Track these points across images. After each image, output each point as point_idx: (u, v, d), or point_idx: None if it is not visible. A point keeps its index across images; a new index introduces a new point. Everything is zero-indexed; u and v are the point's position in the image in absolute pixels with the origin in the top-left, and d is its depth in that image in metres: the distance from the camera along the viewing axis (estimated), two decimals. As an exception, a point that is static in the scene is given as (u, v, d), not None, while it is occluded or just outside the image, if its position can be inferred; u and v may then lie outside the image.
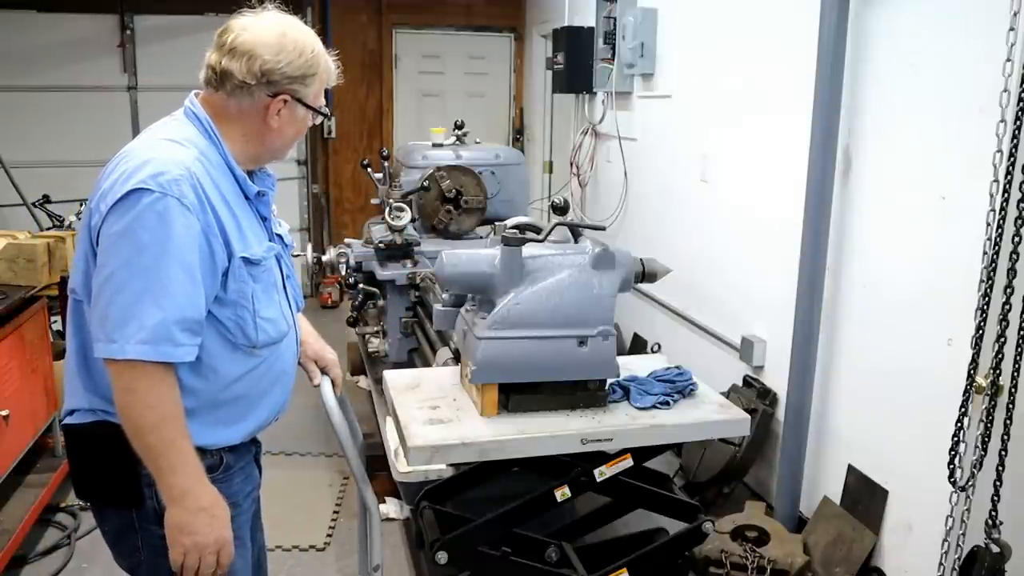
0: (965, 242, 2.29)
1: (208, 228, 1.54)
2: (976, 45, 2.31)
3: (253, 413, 1.71)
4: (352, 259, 4.03)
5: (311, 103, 1.67)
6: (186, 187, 1.50)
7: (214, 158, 1.62)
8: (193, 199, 1.51)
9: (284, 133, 1.67)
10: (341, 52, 1.82)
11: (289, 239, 1.87)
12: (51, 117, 6.12)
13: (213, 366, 1.60)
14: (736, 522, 2.86)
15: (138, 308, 1.46)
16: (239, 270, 1.59)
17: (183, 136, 1.60)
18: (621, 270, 2.28)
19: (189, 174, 1.52)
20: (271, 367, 1.70)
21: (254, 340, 1.63)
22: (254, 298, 1.62)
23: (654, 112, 4.52)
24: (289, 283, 1.81)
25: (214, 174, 1.59)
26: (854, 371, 2.92)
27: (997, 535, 2.04)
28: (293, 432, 4.18)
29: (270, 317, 1.67)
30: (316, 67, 1.64)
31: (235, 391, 1.65)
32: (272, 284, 1.70)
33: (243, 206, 1.67)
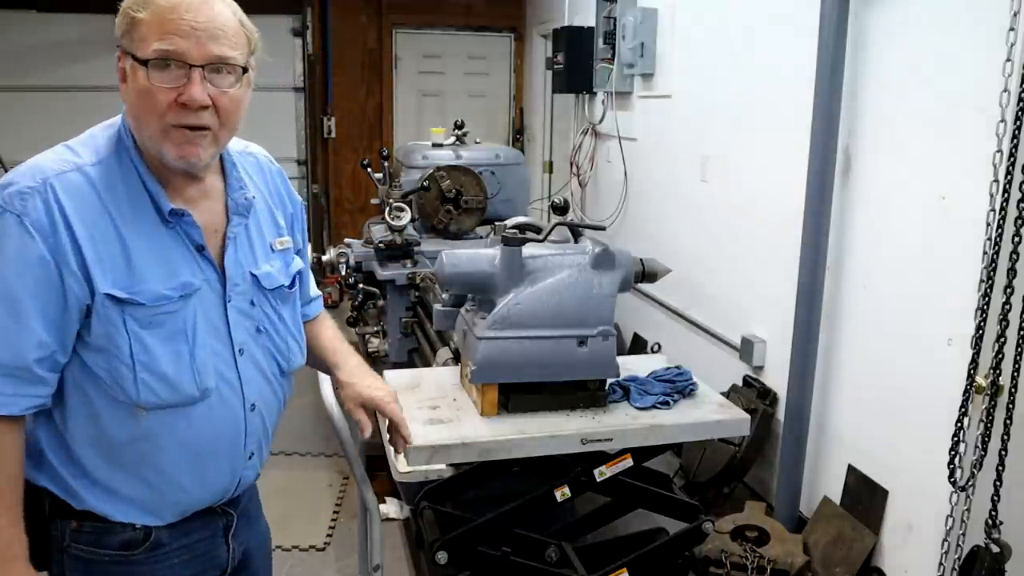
0: (965, 242, 2.28)
1: (59, 256, 1.26)
2: (976, 45, 2.31)
3: (167, 492, 1.41)
4: (352, 259, 4.03)
5: (135, 50, 1.29)
6: (33, 203, 1.25)
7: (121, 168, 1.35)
8: (40, 218, 1.25)
9: (127, 102, 1.35)
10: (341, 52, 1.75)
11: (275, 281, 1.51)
12: (51, 117, 6.11)
13: (99, 421, 1.34)
14: (736, 522, 2.86)
15: None
16: (104, 310, 1.30)
17: (81, 141, 1.37)
18: (621, 270, 2.28)
19: (45, 187, 1.26)
20: (181, 437, 1.39)
21: (134, 398, 1.33)
22: (132, 347, 1.32)
23: (654, 112, 4.52)
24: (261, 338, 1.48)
25: (105, 189, 1.32)
26: (854, 371, 2.92)
27: (997, 535, 2.04)
28: (293, 432, 4.18)
29: (162, 374, 1.34)
30: (144, 3, 1.29)
31: (131, 456, 1.37)
32: (179, 332, 1.36)
33: (153, 229, 1.35)
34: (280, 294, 1.53)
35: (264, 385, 1.50)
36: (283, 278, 1.54)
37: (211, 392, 1.40)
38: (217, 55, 1.32)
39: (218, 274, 1.43)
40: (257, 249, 1.50)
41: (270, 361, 1.51)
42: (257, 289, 1.48)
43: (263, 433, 1.53)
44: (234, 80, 1.36)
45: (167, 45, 1.28)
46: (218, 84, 1.33)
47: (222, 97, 1.34)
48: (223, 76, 1.34)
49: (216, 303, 1.42)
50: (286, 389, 1.59)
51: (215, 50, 1.31)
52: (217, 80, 1.33)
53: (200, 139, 1.34)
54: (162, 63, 1.29)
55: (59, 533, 1.39)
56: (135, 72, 1.31)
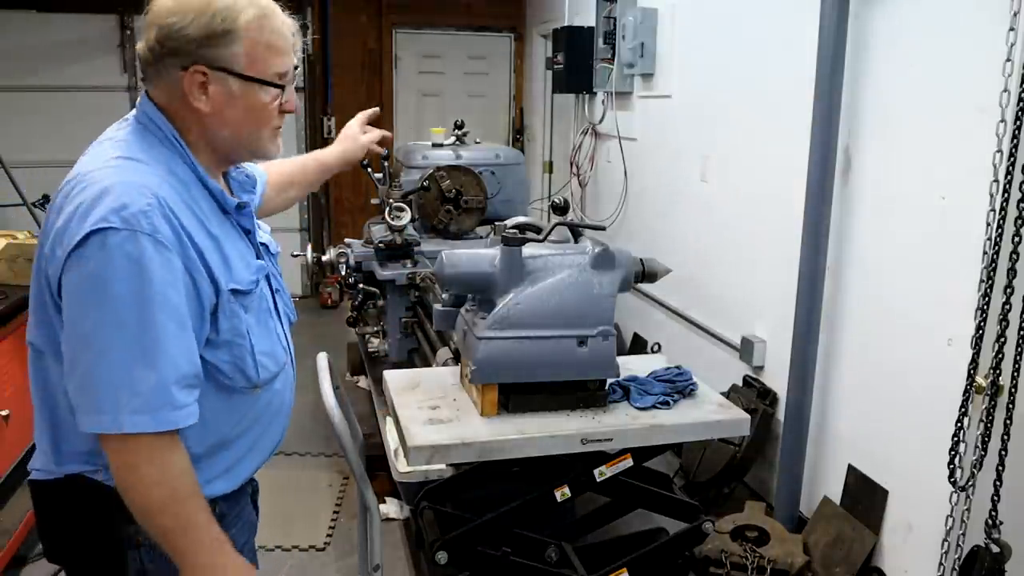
0: (965, 242, 2.29)
1: (190, 263, 1.30)
2: (976, 45, 2.31)
3: (250, 456, 1.51)
4: (352, 259, 4.03)
5: (241, 70, 1.33)
6: (158, 219, 1.26)
7: (182, 172, 1.38)
8: (168, 232, 1.27)
9: (227, 118, 1.37)
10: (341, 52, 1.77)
11: (275, 245, 1.64)
12: (51, 117, 6.11)
13: (206, 416, 1.36)
14: (736, 522, 2.86)
15: (127, 373, 1.24)
16: (230, 305, 1.37)
17: (139, 149, 1.35)
18: (621, 270, 2.28)
19: (159, 202, 1.27)
20: (270, 403, 1.51)
21: (255, 380, 1.42)
22: (249, 333, 1.40)
23: (654, 112, 4.52)
24: (280, 299, 1.58)
25: (186, 194, 1.35)
26: (854, 371, 2.92)
27: (997, 535, 2.04)
28: (293, 432, 4.15)
29: (268, 350, 1.46)
30: (232, 22, 1.31)
31: (231, 437, 1.45)
32: (266, 310, 1.48)
33: (223, 224, 1.42)
34: (277, 257, 1.64)
35: (290, 342, 1.61)
36: (275, 241, 1.65)
37: (286, 354, 1.55)
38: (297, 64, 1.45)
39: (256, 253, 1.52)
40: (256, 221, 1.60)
41: (286, 318, 1.61)
42: (268, 255, 1.58)
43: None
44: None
45: (286, 68, 1.39)
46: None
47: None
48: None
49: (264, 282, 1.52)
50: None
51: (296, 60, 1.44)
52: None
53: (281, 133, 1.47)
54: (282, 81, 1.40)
55: (132, 530, 1.37)
56: (244, 90, 1.36)
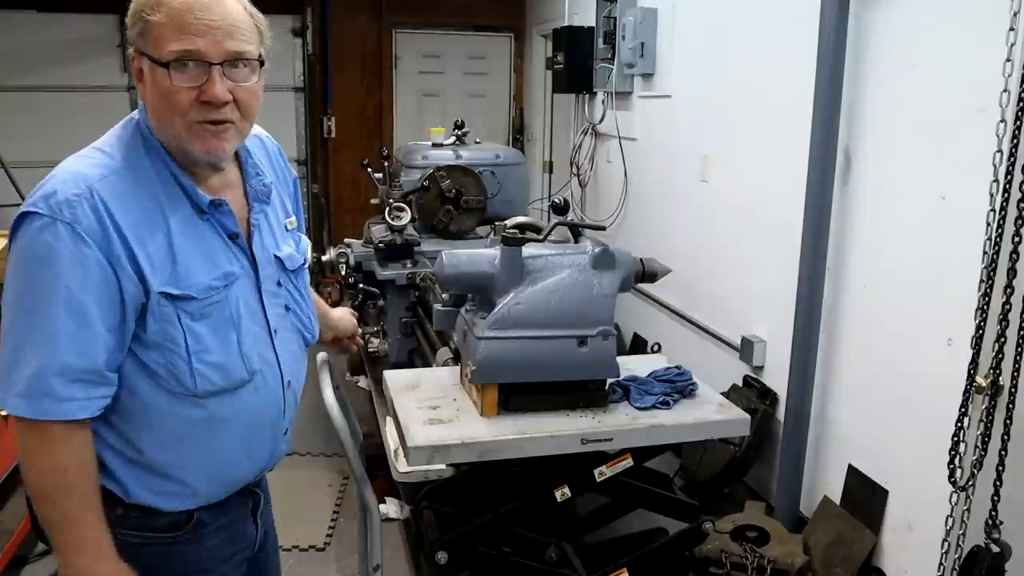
0: (965, 242, 2.28)
1: (113, 258, 1.29)
2: (976, 45, 2.31)
3: (217, 471, 1.47)
4: (352, 259, 4.03)
5: (151, 51, 1.32)
6: (82, 209, 1.27)
7: (153, 167, 1.37)
8: (91, 224, 1.27)
9: (151, 104, 1.37)
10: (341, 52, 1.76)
11: (296, 261, 1.59)
12: (51, 117, 6.10)
13: (154, 416, 1.38)
14: (736, 522, 2.86)
15: (20, 355, 1.27)
16: (160, 308, 1.34)
17: (110, 142, 1.39)
18: (621, 270, 2.28)
19: (90, 193, 1.28)
20: (233, 419, 1.45)
21: (192, 389, 1.38)
22: (188, 340, 1.36)
23: (654, 112, 4.52)
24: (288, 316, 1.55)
25: (144, 190, 1.35)
26: (854, 371, 2.92)
27: (997, 535, 2.03)
28: (293, 432, 4.17)
29: (217, 362, 1.39)
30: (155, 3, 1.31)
31: (187, 445, 1.42)
32: (227, 320, 1.41)
33: (191, 224, 1.39)
34: (299, 272, 1.61)
35: (294, 362, 1.57)
36: (300, 257, 1.61)
37: (256, 374, 1.46)
38: (234, 51, 1.35)
39: (250, 260, 1.48)
40: (276, 232, 1.56)
41: (297, 337, 1.59)
42: (281, 270, 1.54)
43: (294, 408, 1.61)
44: (250, 72, 1.39)
45: (186, 46, 1.31)
46: (236, 79, 1.36)
47: (241, 91, 1.37)
48: (240, 71, 1.37)
49: (252, 288, 1.48)
50: (306, 363, 1.66)
51: (231, 46, 1.34)
52: (235, 75, 1.36)
53: (224, 132, 1.38)
54: (181, 64, 1.32)
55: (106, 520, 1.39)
56: (154, 73, 1.33)
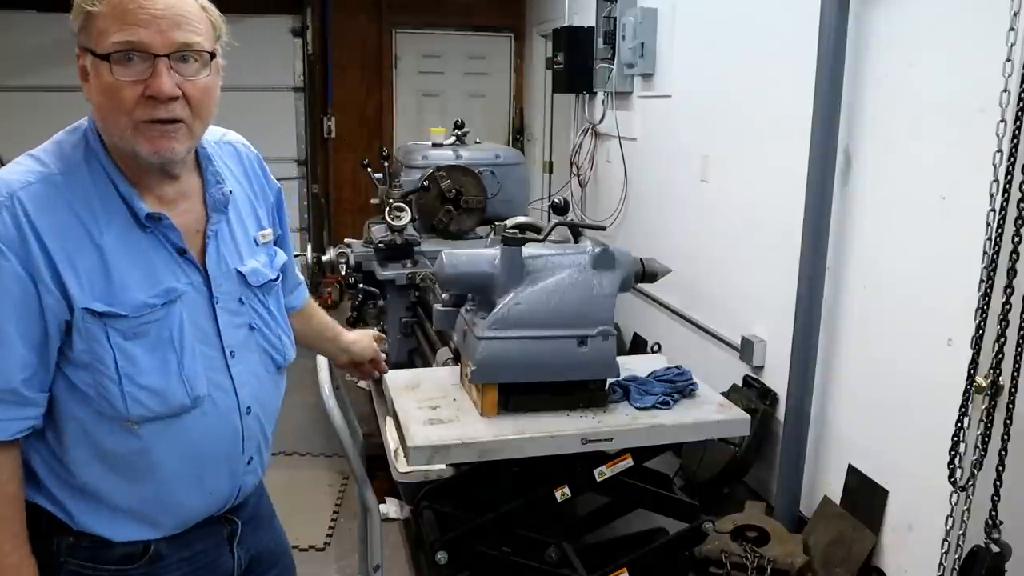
0: (965, 242, 2.28)
1: (33, 270, 1.20)
2: (976, 45, 2.31)
3: (169, 503, 1.37)
4: (352, 259, 4.03)
5: (93, 46, 1.25)
6: (1, 219, 1.20)
7: (92, 174, 1.29)
8: (10, 233, 1.20)
9: (94, 103, 1.29)
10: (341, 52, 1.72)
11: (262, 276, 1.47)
12: (51, 117, 6.07)
13: (86, 438, 1.29)
14: (736, 522, 2.86)
15: None
16: (85, 325, 1.24)
17: (49, 147, 1.31)
18: (621, 270, 2.28)
19: (12, 201, 1.21)
20: (175, 448, 1.34)
21: (123, 414, 1.28)
22: (118, 361, 1.26)
23: (654, 112, 4.52)
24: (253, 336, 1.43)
25: (77, 199, 1.26)
26: (854, 371, 2.91)
27: (997, 535, 2.03)
28: (293, 432, 4.18)
29: (152, 386, 1.29)
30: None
31: (127, 473, 1.32)
32: (166, 341, 1.30)
33: (129, 237, 1.29)
34: (268, 289, 1.49)
35: (259, 386, 1.45)
36: (270, 272, 1.50)
37: (203, 400, 1.35)
38: (181, 42, 1.25)
39: (203, 276, 1.37)
40: (241, 245, 1.45)
41: (264, 359, 1.47)
42: (244, 286, 1.43)
43: (262, 436, 1.48)
44: (201, 67, 1.29)
45: (128, 36, 1.22)
46: (185, 73, 1.27)
47: (190, 86, 1.27)
48: (189, 64, 1.27)
49: (203, 306, 1.36)
50: (282, 386, 1.55)
51: (178, 37, 1.25)
52: (183, 69, 1.27)
53: (174, 132, 1.28)
54: (124, 56, 1.23)
55: (56, 549, 1.34)
56: (97, 69, 1.25)
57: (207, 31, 1.30)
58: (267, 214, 1.56)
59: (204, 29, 1.29)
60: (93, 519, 1.34)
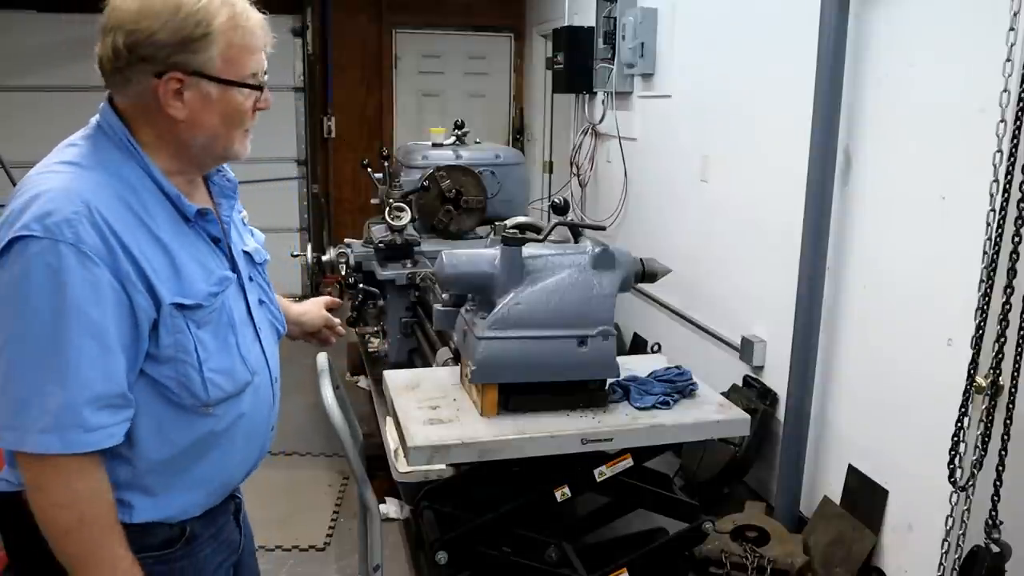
0: (965, 242, 2.28)
1: (122, 275, 1.23)
2: (976, 45, 2.31)
3: (218, 477, 1.44)
4: (352, 259, 4.03)
5: (218, 74, 1.29)
6: (84, 228, 1.20)
7: (134, 177, 1.31)
8: (96, 242, 1.21)
9: (202, 123, 1.32)
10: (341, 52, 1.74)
11: (262, 254, 1.57)
12: (51, 117, 6.08)
13: (159, 433, 1.33)
14: (736, 522, 2.86)
15: (37, 389, 1.19)
16: (172, 320, 1.29)
17: (85, 154, 1.30)
18: (621, 270, 2.28)
19: (88, 210, 1.21)
20: (234, 424, 1.41)
21: (203, 399, 1.34)
22: (198, 349, 1.32)
23: (654, 112, 4.52)
24: (264, 310, 1.51)
25: (133, 200, 1.29)
26: (854, 371, 2.92)
27: (997, 535, 2.03)
28: (293, 432, 4.18)
29: (222, 368, 1.36)
30: (207, 25, 1.27)
31: (191, 457, 1.38)
32: (227, 325, 1.38)
33: (180, 232, 1.35)
34: (265, 265, 1.58)
35: (275, 356, 1.54)
36: (263, 250, 1.59)
37: (255, 374, 1.44)
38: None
39: (231, 261, 1.46)
40: (239, 228, 1.54)
41: (272, 331, 1.55)
42: (252, 265, 1.52)
43: (278, 404, 1.57)
44: None
45: (257, 64, 1.36)
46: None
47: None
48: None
49: (236, 289, 1.44)
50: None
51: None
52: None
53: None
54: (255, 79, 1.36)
55: None
56: (224, 93, 1.32)
57: None
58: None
59: None
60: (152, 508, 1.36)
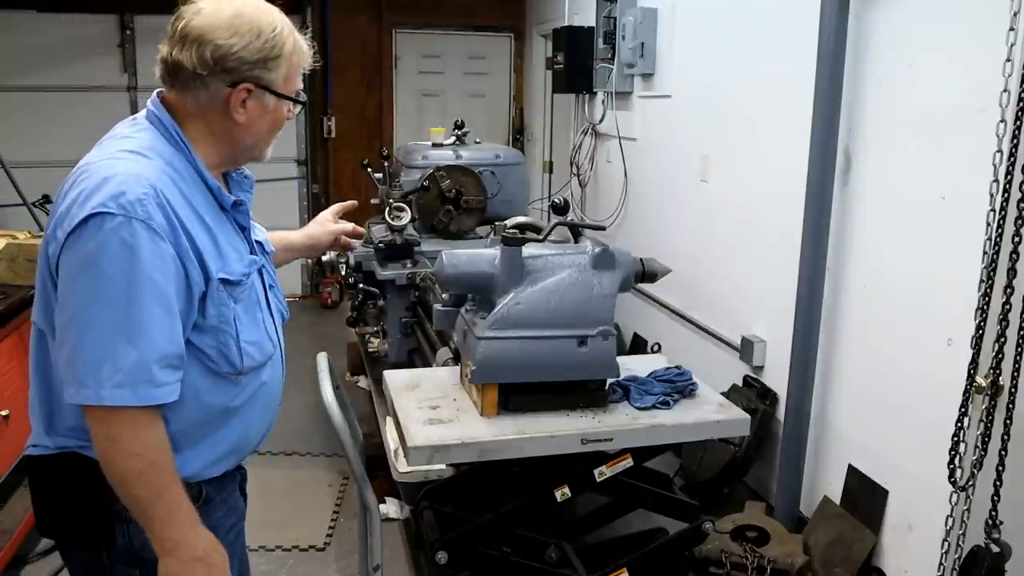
0: (965, 242, 2.28)
1: (181, 250, 1.40)
2: (976, 45, 2.31)
3: (237, 442, 1.57)
4: (352, 259, 4.03)
5: (280, 89, 1.51)
6: (152, 207, 1.36)
7: (182, 167, 1.47)
8: (162, 220, 1.37)
9: (255, 128, 1.52)
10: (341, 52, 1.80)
11: (270, 246, 1.75)
12: (51, 117, 6.11)
13: (194, 397, 1.46)
14: (736, 522, 2.86)
15: (111, 348, 1.33)
16: (218, 293, 1.45)
17: (144, 145, 1.45)
18: (621, 270, 2.28)
19: (155, 192, 1.37)
20: (256, 392, 1.57)
21: (239, 367, 1.49)
22: (236, 321, 1.48)
23: (654, 112, 4.52)
24: (272, 294, 1.66)
25: (184, 187, 1.45)
26: (854, 371, 2.92)
27: (997, 535, 2.03)
28: (293, 432, 4.18)
29: (254, 340, 1.53)
30: (280, 48, 1.48)
31: (219, 421, 1.52)
32: (255, 303, 1.56)
33: (219, 219, 1.52)
34: (271, 255, 1.74)
35: (281, 335, 1.69)
36: (269, 245, 1.75)
37: (276, 348, 1.63)
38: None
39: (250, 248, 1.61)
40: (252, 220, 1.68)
41: (278, 314, 1.69)
42: (263, 254, 1.67)
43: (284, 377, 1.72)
44: None
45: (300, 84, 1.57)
46: None
47: None
48: None
49: (257, 273, 1.60)
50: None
51: None
52: None
53: None
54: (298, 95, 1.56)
55: (121, 505, 1.42)
56: (279, 105, 1.53)
57: None
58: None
59: None
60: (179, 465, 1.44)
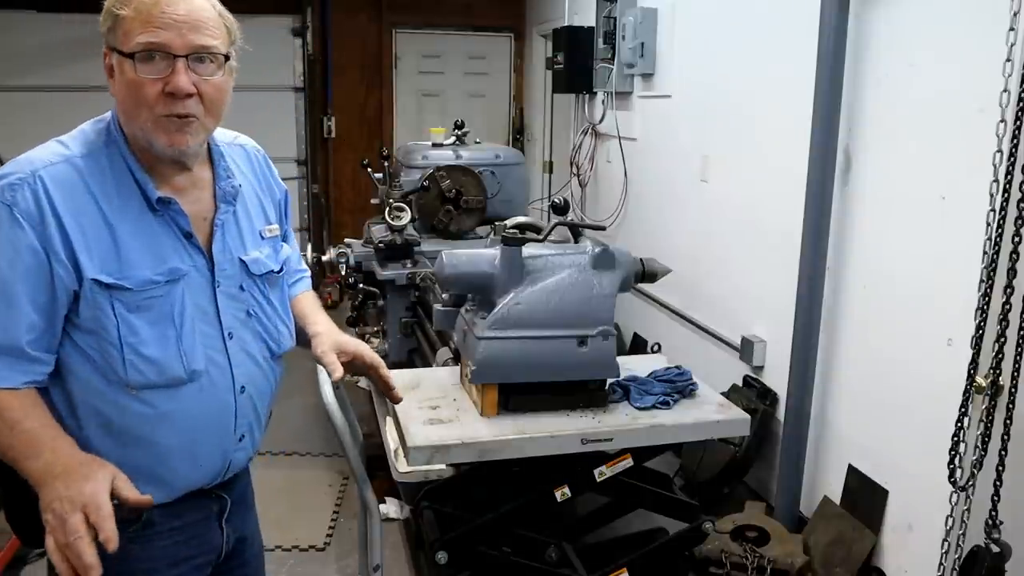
0: (965, 242, 2.28)
1: (48, 243, 1.33)
2: (976, 45, 2.31)
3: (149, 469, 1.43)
4: (352, 259, 4.03)
5: (120, 46, 1.36)
6: (22, 193, 1.32)
7: (109, 162, 1.40)
8: (29, 207, 1.32)
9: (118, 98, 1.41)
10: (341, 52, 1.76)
11: (265, 266, 1.57)
12: (51, 117, 6.10)
13: (97, 399, 1.39)
14: (736, 522, 2.86)
15: None
16: (92, 295, 1.36)
17: (73, 135, 1.44)
18: (621, 270, 2.28)
19: (34, 179, 1.33)
20: (167, 416, 1.43)
21: (124, 378, 1.38)
22: (120, 330, 1.37)
23: (654, 112, 4.52)
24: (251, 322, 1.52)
25: (96, 180, 1.38)
26: (854, 371, 2.92)
27: (997, 535, 2.03)
28: (293, 432, 4.18)
29: (153, 357, 1.39)
30: (120, 5, 1.36)
31: (123, 436, 1.41)
32: (167, 316, 1.41)
33: (143, 219, 1.41)
34: (269, 279, 1.59)
35: (254, 368, 1.54)
36: (273, 264, 1.60)
37: (200, 374, 1.45)
38: (199, 44, 1.38)
39: (206, 260, 1.48)
40: (246, 236, 1.56)
41: (260, 344, 1.56)
42: (246, 275, 1.53)
43: (254, 416, 1.57)
44: (216, 68, 1.41)
45: (151, 37, 1.35)
46: (201, 73, 1.39)
47: (206, 85, 1.40)
48: (206, 65, 1.40)
49: (205, 288, 1.47)
50: (277, 372, 1.63)
51: (197, 40, 1.37)
52: (200, 69, 1.39)
53: (188, 127, 1.40)
54: (147, 55, 1.35)
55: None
56: (122, 66, 1.37)
57: (223, 36, 1.43)
58: (274, 211, 1.67)
59: (220, 34, 1.42)
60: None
